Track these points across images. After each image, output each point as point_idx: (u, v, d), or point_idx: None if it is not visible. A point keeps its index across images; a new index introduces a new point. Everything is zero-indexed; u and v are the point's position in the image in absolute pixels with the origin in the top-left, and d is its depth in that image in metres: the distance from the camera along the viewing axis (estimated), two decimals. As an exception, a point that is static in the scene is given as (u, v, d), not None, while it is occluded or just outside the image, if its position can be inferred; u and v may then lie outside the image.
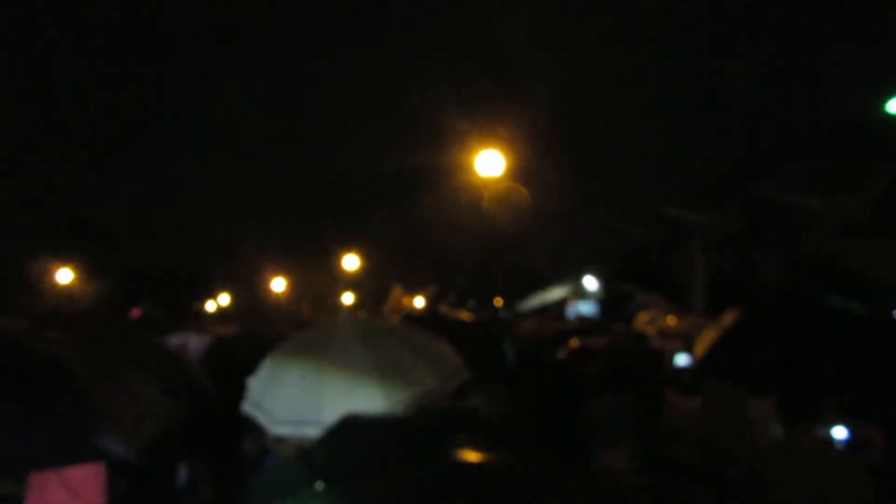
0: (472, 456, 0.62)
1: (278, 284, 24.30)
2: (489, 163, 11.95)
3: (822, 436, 1.27)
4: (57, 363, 1.09)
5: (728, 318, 1.42)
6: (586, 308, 14.32)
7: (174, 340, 3.76)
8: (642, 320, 6.50)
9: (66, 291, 19.45)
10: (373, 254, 20.89)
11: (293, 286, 24.16)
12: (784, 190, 13.04)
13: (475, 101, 13.29)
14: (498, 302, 16.43)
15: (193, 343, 3.70)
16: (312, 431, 1.04)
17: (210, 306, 24.47)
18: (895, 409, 1.34)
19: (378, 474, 0.61)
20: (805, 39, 12.09)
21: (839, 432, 1.34)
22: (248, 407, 1.14)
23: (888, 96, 10.32)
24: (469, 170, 12.57)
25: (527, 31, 13.47)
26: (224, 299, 24.77)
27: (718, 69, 12.86)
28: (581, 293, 16.06)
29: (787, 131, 12.78)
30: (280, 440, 1.10)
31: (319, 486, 0.61)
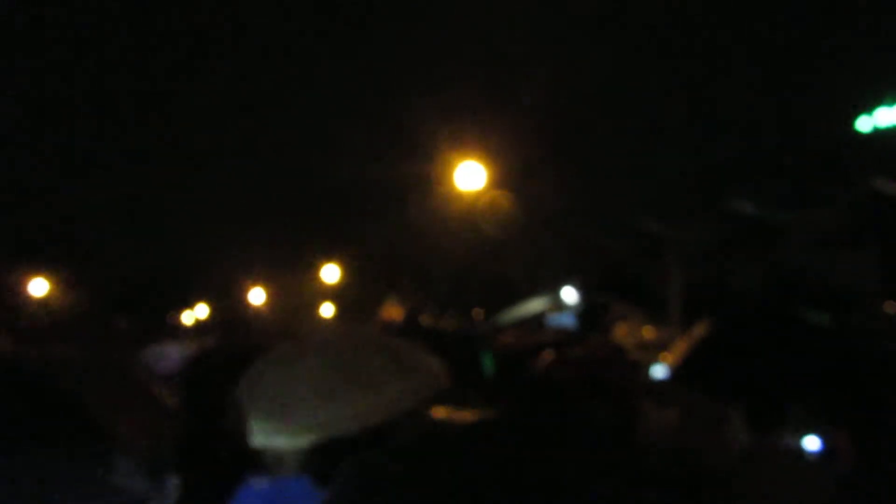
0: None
1: (257, 296, 24.12)
2: (470, 175, 12.02)
3: (791, 445, 1.31)
4: (65, 391, 1.04)
5: (699, 328, 1.47)
6: (565, 320, 14.41)
7: (152, 352, 3.70)
8: (620, 332, 6.56)
9: (42, 304, 19.13)
10: (353, 265, 20.85)
11: (272, 298, 23.99)
12: (758, 204, 13.27)
13: (457, 112, 13.36)
14: (477, 314, 16.46)
15: (173, 354, 3.64)
16: (282, 442, 1.06)
17: (187, 318, 24.22)
18: (863, 417, 1.39)
19: (423, 465, 0.63)
20: (780, 57, 12.34)
21: (812, 442, 1.38)
22: (231, 415, 1.16)
23: (859, 115, 10.59)
24: (450, 181, 12.63)
25: (507, 44, 13.60)
26: (201, 311, 24.53)
27: (695, 85, 13.07)
28: (560, 305, 16.16)
29: (762, 147, 13.02)
30: (258, 451, 1.12)
31: (367, 470, 0.62)
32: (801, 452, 1.32)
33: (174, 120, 18.81)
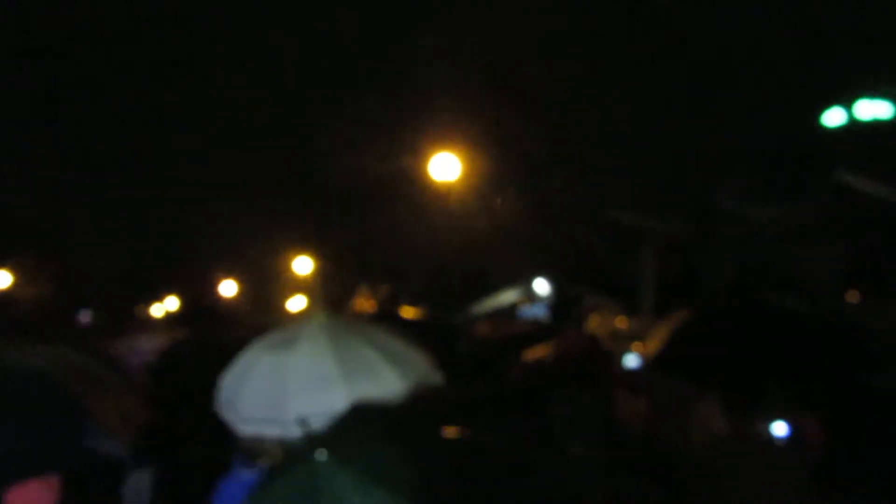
0: (455, 432, 0.66)
1: (228, 288, 23.86)
2: (444, 166, 12.02)
3: (763, 431, 1.34)
4: (37, 368, 1.04)
5: (677, 317, 1.50)
6: (537, 311, 14.51)
7: (122, 345, 3.66)
8: (593, 323, 6.62)
9: (4, 297, 18.70)
10: (326, 257, 20.74)
11: (244, 290, 23.77)
12: (730, 198, 13.48)
13: (433, 105, 13.34)
14: (449, 305, 16.48)
15: (144, 347, 3.61)
16: (275, 431, 1.05)
17: (157, 311, 23.87)
18: (830, 401, 1.42)
19: (377, 447, 0.64)
20: (749, 54, 12.52)
21: (780, 428, 1.41)
22: (217, 404, 1.14)
23: (824, 109, 10.82)
24: (424, 173, 12.62)
25: (487, 38, 13.61)
26: (171, 303, 24.19)
27: (670, 80, 13.21)
28: (532, 297, 16.25)
29: (735, 141, 13.22)
30: (244, 440, 1.10)
31: (321, 455, 0.62)
32: (772, 438, 1.35)
33: (148, 113, 18.52)
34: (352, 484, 0.64)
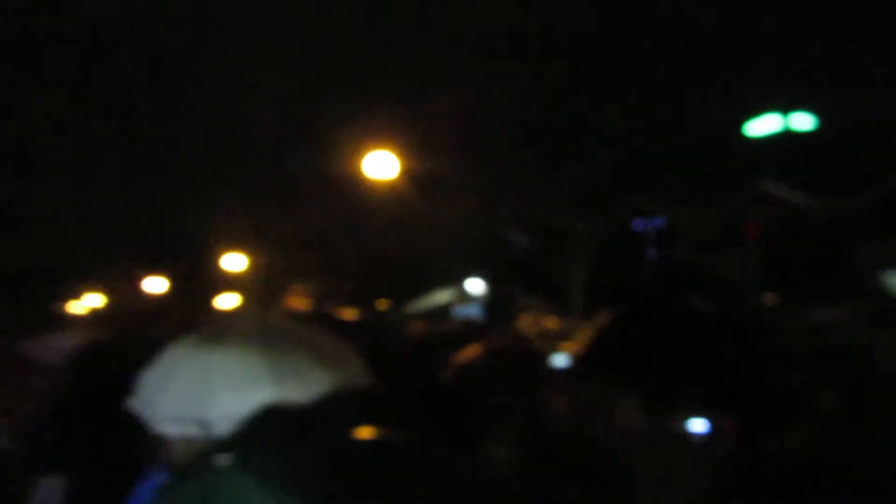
0: (368, 432, 0.66)
1: (154, 285, 23.10)
2: (379, 164, 11.98)
3: (681, 429, 1.39)
4: None
5: (601, 319, 1.54)
6: (471, 311, 14.66)
7: (34, 344, 3.48)
8: (524, 322, 6.72)
9: None
10: (258, 254, 20.35)
11: (172, 286, 23.05)
12: (656, 202, 13.93)
13: (368, 101, 13.25)
14: (383, 304, 16.44)
15: (58, 346, 3.43)
16: (197, 431, 1.02)
17: (75, 308, 22.88)
18: (746, 400, 1.49)
19: (283, 451, 0.63)
20: (677, 62, 12.94)
21: (698, 425, 1.46)
22: (136, 402, 1.10)
23: (748, 119, 11.33)
24: (358, 171, 12.54)
25: (420, 36, 13.61)
26: (92, 300, 23.24)
27: (599, 84, 13.52)
28: (465, 297, 16.41)
29: (662, 148, 13.65)
30: (163, 442, 1.07)
31: (225, 459, 0.61)
32: (688, 435, 1.41)
33: (68, 98, 17.71)
34: (254, 490, 0.63)
